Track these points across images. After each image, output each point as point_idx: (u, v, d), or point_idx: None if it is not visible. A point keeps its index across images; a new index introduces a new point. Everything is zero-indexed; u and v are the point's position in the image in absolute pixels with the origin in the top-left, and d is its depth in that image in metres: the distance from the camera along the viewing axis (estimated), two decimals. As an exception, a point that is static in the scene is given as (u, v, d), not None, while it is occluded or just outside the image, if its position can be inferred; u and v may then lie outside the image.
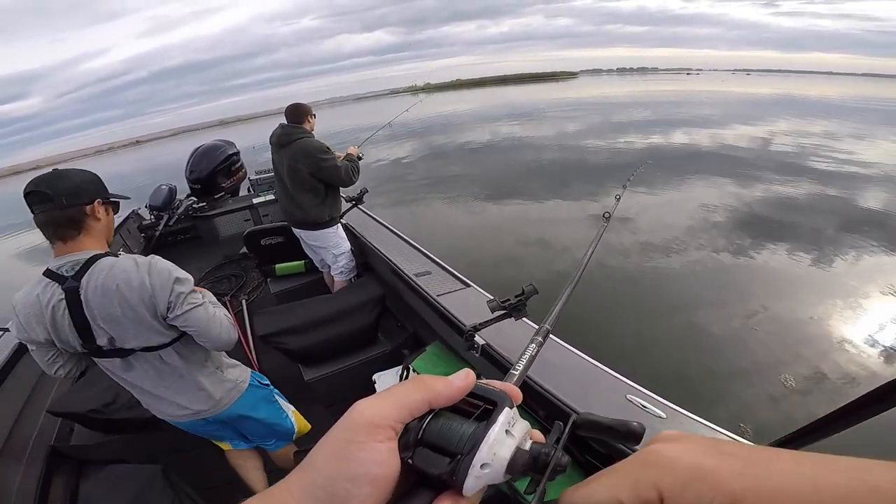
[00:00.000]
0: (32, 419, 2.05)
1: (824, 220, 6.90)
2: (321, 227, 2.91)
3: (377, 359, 2.39)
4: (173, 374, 1.42)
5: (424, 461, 0.29)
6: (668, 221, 7.09)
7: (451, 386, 0.32)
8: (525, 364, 0.49)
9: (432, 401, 0.31)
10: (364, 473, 0.28)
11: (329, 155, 2.72)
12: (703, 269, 5.54)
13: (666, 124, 19.73)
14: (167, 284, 1.28)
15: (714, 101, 35.02)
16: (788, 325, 4.23)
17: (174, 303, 1.29)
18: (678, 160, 11.67)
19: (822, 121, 20.38)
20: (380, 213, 3.46)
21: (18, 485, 1.76)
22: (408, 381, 0.32)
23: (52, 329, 1.24)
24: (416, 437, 0.30)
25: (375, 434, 0.29)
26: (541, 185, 9.84)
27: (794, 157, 11.97)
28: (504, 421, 0.30)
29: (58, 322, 1.23)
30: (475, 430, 0.30)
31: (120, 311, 1.24)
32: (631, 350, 3.94)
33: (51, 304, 1.22)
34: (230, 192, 5.57)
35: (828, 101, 35.60)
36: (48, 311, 1.22)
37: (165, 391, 1.44)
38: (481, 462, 0.28)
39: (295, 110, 2.79)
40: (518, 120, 26.52)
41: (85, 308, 1.22)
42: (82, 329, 1.24)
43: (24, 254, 11.62)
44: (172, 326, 1.34)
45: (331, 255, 3.02)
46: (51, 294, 1.22)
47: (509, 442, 0.30)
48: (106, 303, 1.22)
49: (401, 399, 0.31)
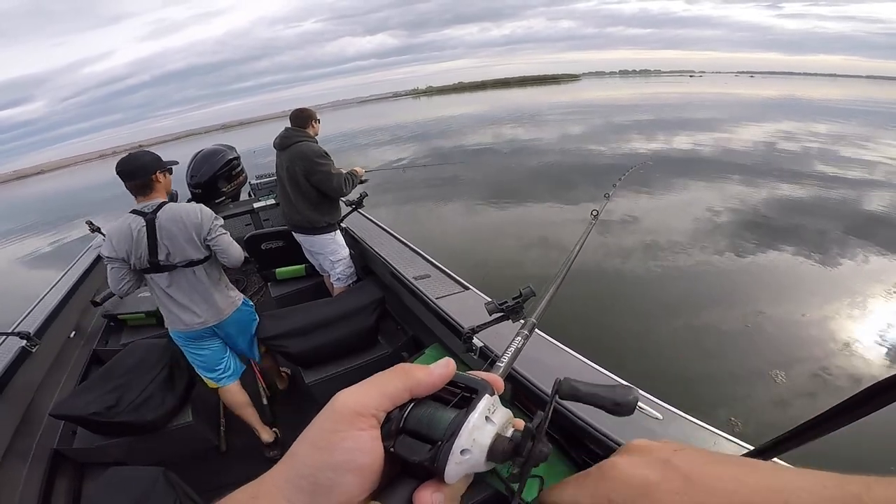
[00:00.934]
0: (36, 422, 2.07)
1: (828, 222, 6.88)
2: (318, 232, 2.91)
3: (377, 361, 2.41)
4: (198, 288, 2.03)
5: (406, 448, 0.30)
6: (671, 223, 7.09)
7: (432, 374, 0.32)
8: (511, 356, 0.49)
9: (413, 388, 0.31)
10: (347, 461, 0.28)
11: (325, 160, 2.71)
12: (706, 270, 5.54)
13: (669, 126, 19.70)
14: (210, 219, 1.98)
15: (718, 103, 34.94)
16: (790, 326, 4.23)
17: (212, 230, 1.97)
18: (681, 162, 11.66)
19: (826, 123, 20.30)
20: (382, 214, 3.48)
21: (22, 487, 1.78)
22: (389, 370, 0.33)
23: (133, 246, 1.85)
24: (397, 425, 0.30)
25: (357, 423, 0.29)
26: (543, 187, 9.85)
27: (799, 159, 11.94)
28: (484, 407, 0.30)
29: (138, 240, 1.85)
30: (455, 417, 0.30)
31: (178, 231, 1.88)
32: (631, 350, 3.94)
33: (136, 229, 1.85)
34: (231, 197, 5.58)
35: (832, 103, 35.44)
36: (134, 234, 1.84)
37: (190, 302, 2.02)
38: (461, 448, 0.29)
39: (299, 115, 2.81)
40: (520, 122, 26.57)
41: (157, 231, 1.87)
42: (151, 246, 1.87)
43: (26, 259, 11.71)
44: (207, 247, 1.98)
45: (328, 261, 3.02)
46: (137, 223, 1.86)
47: (489, 428, 0.30)
48: (171, 226, 1.87)
49: (382, 387, 0.31)
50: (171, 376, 2.19)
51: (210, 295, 2.06)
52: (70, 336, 2.71)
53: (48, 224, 16.66)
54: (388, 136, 26.80)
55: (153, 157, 1.95)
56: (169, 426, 2.08)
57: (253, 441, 2.33)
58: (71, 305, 2.83)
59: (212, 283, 2.06)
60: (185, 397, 2.20)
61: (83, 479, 2.07)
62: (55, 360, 2.46)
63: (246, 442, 2.34)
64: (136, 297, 3.05)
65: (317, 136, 2.88)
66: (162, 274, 1.95)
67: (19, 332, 2.22)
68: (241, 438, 2.35)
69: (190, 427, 2.13)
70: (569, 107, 36.77)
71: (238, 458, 2.25)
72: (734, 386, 3.53)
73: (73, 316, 2.84)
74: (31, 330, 2.28)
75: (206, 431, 2.23)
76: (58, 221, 16.14)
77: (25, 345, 2.19)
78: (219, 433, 2.34)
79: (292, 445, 0.30)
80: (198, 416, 2.20)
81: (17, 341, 2.19)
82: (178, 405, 2.14)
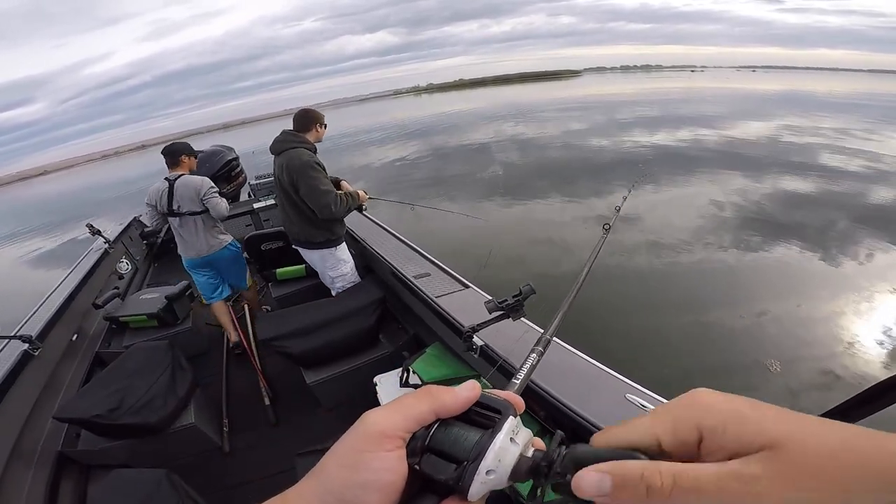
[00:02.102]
0: (40, 425, 2.08)
1: (833, 216, 6.85)
2: (315, 247, 2.69)
3: (378, 361, 2.40)
4: (198, 231, 2.89)
5: (432, 467, 0.31)
6: (674, 219, 7.07)
7: (458, 398, 0.33)
8: (526, 373, 0.50)
9: (439, 411, 0.32)
10: (375, 481, 0.29)
11: (317, 172, 2.40)
12: (710, 267, 5.52)
13: (671, 121, 19.63)
14: (206, 186, 2.82)
15: (720, 98, 34.75)
16: (797, 323, 4.22)
17: (206, 193, 2.80)
18: (684, 158, 11.63)
19: (829, 117, 20.17)
20: (383, 211, 3.48)
21: (28, 489, 1.79)
22: (416, 392, 0.34)
23: (159, 198, 2.81)
24: (423, 444, 0.31)
25: (385, 443, 0.30)
26: (546, 183, 9.81)
27: (802, 153, 11.86)
28: (509, 429, 0.31)
29: (161, 195, 2.81)
30: (481, 438, 0.31)
31: (185, 192, 2.78)
32: (637, 348, 3.94)
33: (162, 188, 2.81)
34: (231, 198, 5.60)
35: (835, 97, 35.20)
36: (161, 191, 2.81)
37: (191, 238, 2.90)
38: (487, 468, 0.29)
39: (302, 117, 2.54)
40: (521, 119, 26.48)
41: (174, 191, 2.79)
42: (169, 199, 2.80)
43: (29, 261, 11.76)
44: (202, 203, 2.81)
45: (327, 277, 2.83)
46: (164, 185, 2.82)
47: (513, 449, 0.31)
48: (182, 188, 2.79)
49: (409, 410, 0.32)
50: (174, 378, 2.19)
51: (204, 235, 2.92)
52: (72, 339, 2.71)
53: (52, 226, 16.74)
54: (390, 134, 26.77)
55: (185, 145, 2.99)
56: (172, 428, 2.08)
57: (256, 442, 2.34)
58: (73, 308, 2.84)
59: (206, 228, 2.92)
60: (188, 399, 2.20)
61: (88, 481, 2.08)
62: (58, 363, 2.47)
63: (249, 443, 2.35)
64: (138, 299, 3.06)
65: (319, 141, 2.60)
66: (175, 218, 2.85)
67: (21, 335, 2.23)
68: (244, 439, 2.36)
69: (192, 428, 2.13)
70: (567, 103, 36.66)
71: (241, 458, 2.25)
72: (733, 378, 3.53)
73: (75, 319, 2.85)
74: (33, 333, 2.29)
75: (209, 432, 2.24)
76: (62, 223, 16.21)
77: (28, 348, 2.20)
78: (221, 434, 2.34)
79: (320, 461, 0.31)
80: (200, 418, 2.21)
81: (19, 345, 2.20)
82: (180, 407, 2.14)
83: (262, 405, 2.54)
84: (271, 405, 2.53)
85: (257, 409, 2.53)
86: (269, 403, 2.54)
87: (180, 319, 3.03)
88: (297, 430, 2.40)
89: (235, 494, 2.04)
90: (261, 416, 2.49)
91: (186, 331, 3.02)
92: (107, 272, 3.76)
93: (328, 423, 2.36)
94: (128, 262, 4.22)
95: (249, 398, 2.64)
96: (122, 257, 4.18)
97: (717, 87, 56.34)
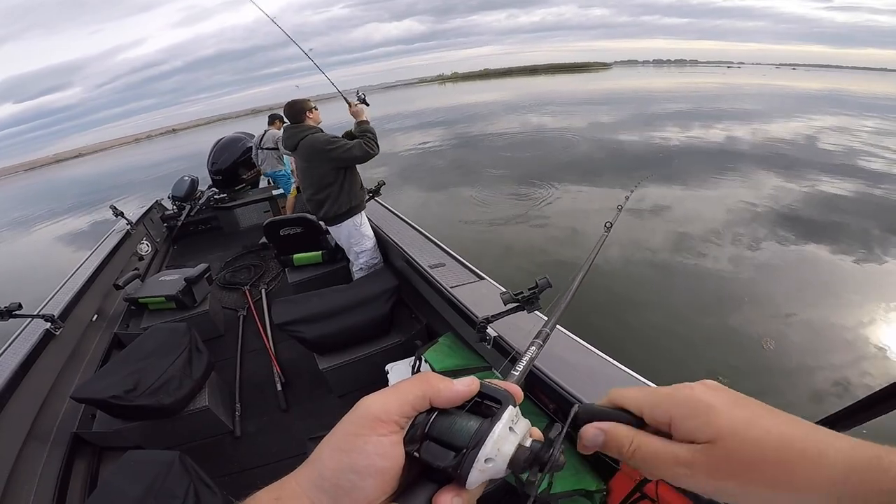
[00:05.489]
0: (57, 405, 2.13)
1: (872, 221, 6.50)
2: (341, 219, 2.84)
3: (391, 349, 2.39)
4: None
5: (431, 454, 0.31)
6: (704, 217, 6.84)
7: (452, 388, 0.33)
8: (525, 365, 0.50)
9: (433, 398, 0.33)
10: (368, 465, 0.29)
11: (335, 143, 2.61)
12: (738, 266, 5.32)
13: (705, 117, 18.92)
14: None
15: (757, 94, 33.37)
16: (825, 328, 4.04)
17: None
18: (717, 155, 11.26)
19: (872, 118, 19.15)
20: (407, 198, 3.46)
21: (42, 469, 1.82)
22: (411, 378, 0.34)
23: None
24: (422, 431, 0.32)
25: (379, 427, 0.30)
26: (571, 175, 9.60)
27: (842, 154, 11.27)
28: (508, 418, 0.32)
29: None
30: (480, 427, 0.31)
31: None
32: (654, 344, 3.85)
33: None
34: (250, 184, 5.67)
35: (879, 97, 33.31)
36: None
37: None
38: (485, 457, 0.30)
39: (291, 109, 2.71)
40: (547, 110, 26.02)
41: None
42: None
43: (63, 237, 12.14)
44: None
45: (353, 252, 2.97)
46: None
47: (512, 438, 0.31)
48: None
49: (403, 395, 0.32)
50: (190, 361, 2.20)
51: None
52: (92, 319, 2.77)
53: (83, 205, 17.23)
54: (415, 122, 26.70)
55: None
56: (185, 410, 2.10)
57: (267, 426, 2.35)
58: (94, 289, 2.89)
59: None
60: (202, 382, 2.22)
61: (101, 462, 2.12)
62: (78, 344, 2.52)
63: (260, 427, 2.36)
64: (158, 281, 3.10)
65: (320, 123, 2.78)
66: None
67: (44, 314, 2.28)
68: (256, 424, 2.38)
69: (206, 412, 2.15)
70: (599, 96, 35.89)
71: (252, 443, 2.26)
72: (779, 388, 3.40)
73: (95, 299, 2.90)
74: (55, 313, 2.34)
75: (222, 416, 2.26)
76: (92, 204, 16.63)
77: (50, 327, 2.24)
78: (234, 418, 2.36)
79: (317, 447, 0.31)
80: (214, 401, 2.23)
81: (41, 324, 2.24)
82: (195, 390, 2.16)
83: (275, 390, 2.55)
84: (283, 390, 2.54)
85: (269, 394, 2.54)
86: (281, 388, 2.55)
87: (198, 302, 3.05)
88: (309, 416, 2.40)
89: (245, 478, 2.05)
90: (272, 401, 2.50)
91: (203, 314, 3.04)
92: (128, 253, 3.83)
93: (339, 409, 2.36)
94: (148, 244, 4.30)
95: (262, 383, 2.65)
96: (143, 239, 4.25)
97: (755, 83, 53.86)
